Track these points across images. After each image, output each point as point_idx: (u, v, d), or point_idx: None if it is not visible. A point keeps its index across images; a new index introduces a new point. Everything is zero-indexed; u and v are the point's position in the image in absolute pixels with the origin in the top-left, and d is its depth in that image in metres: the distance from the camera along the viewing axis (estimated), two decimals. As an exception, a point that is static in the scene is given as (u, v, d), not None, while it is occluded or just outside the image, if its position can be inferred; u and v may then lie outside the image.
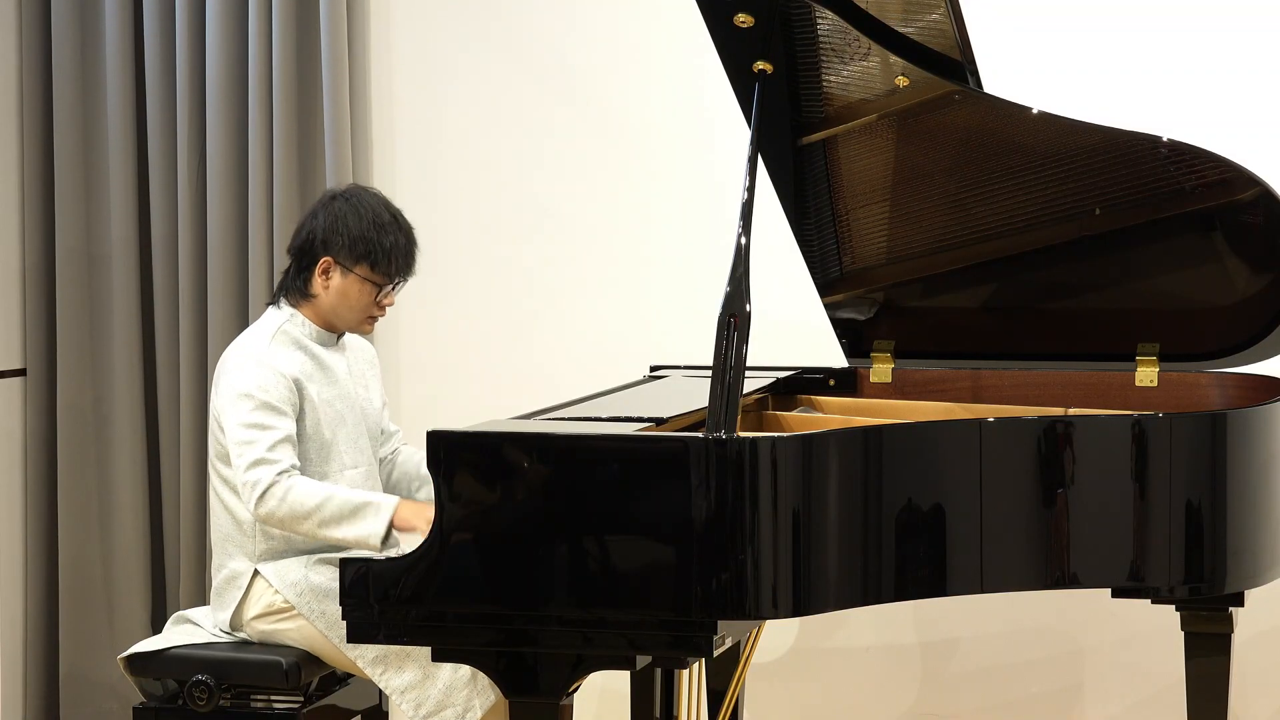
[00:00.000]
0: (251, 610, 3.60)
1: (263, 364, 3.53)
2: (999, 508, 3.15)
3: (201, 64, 4.73)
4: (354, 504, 3.40)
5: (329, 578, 3.50)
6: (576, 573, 2.98)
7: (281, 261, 4.66)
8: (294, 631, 3.58)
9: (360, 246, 3.58)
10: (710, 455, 2.95)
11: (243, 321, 4.74)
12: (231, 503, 3.57)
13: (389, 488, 3.83)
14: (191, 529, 4.76)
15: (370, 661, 3.48)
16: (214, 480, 3.62)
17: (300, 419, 3.55)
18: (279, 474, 3.42)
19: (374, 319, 3.67)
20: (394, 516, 3.38)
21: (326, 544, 3.52)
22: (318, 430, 3.58)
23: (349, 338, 3.76)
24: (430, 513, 3.24)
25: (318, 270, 3.61)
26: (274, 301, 3.69)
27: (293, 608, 3.56)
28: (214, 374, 3.64)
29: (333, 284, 3.61)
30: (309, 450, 3.57)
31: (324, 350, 3.65)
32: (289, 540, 3.57)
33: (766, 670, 4.61)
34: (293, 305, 3.65)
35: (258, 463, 3.44)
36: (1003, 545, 3.16)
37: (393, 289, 3.64)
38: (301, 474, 3.50)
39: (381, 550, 3.39)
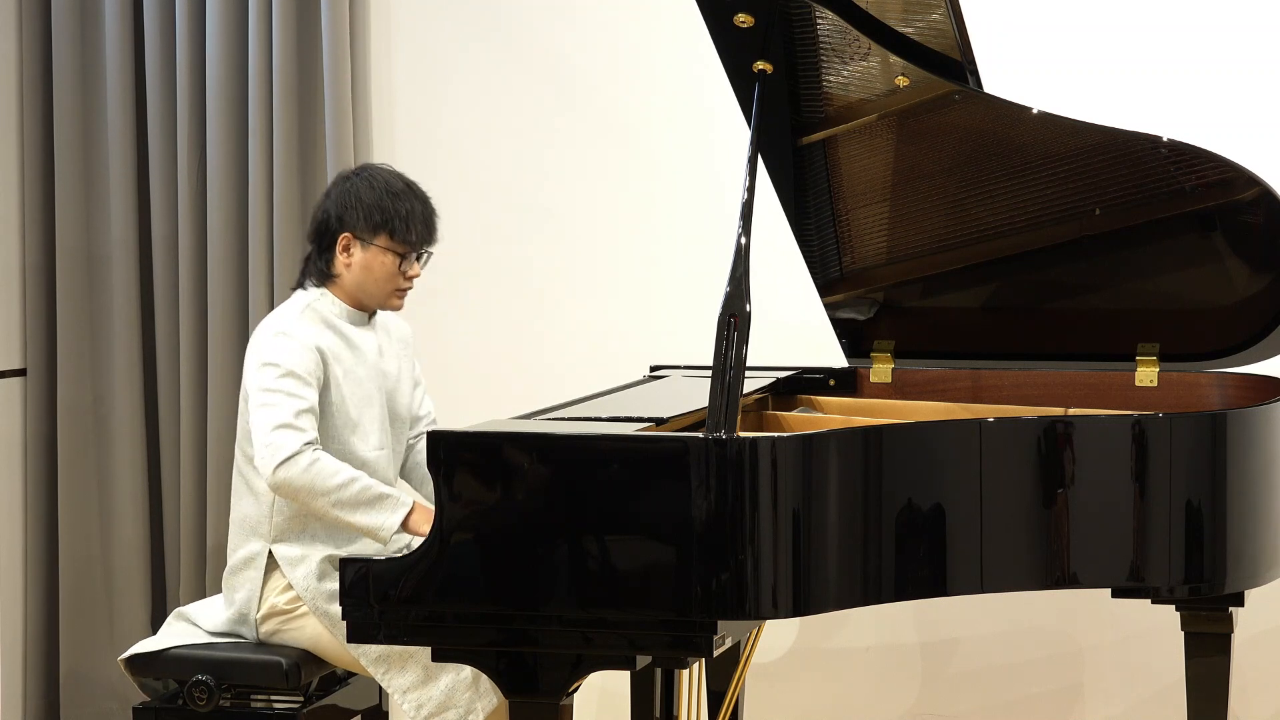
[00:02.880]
0: (258, 610, 3.60)
1: (289, 336, 3.52)
2: (999, 508, 3.15)
3: (201, 64, 4.73)
4: (375, 493, 3.39)
5: (336, 578, 3.49)
6: (576, 573, 2.98)
7: (282, 261, 4.68)
8: (299, 631, 3.58)
9: (376, 216, 3.56)
10: (710, 455, 2.95)
11: (243, 321, 4.74)
12: (256, 484, 3.56)
13: (404, 476, 3.81)
14: (191, 529, 4.76)
15: (373, 661, 3.48)
16: (239, 460, 3.61)
17: (324, 393, 3.53)
18: (306, 444, 3.41)
19: (402, 292, 3.64)
20: (409, 515, 3.38)
21: (336, 524, 3.50)
22: (344, 407, 3.56)
23: (383, 317, 3.73)
24: None
25: (338, 248, 3.59)
26: (299, 285, 3.67)
27: (297, 607, 3.56)
28: (247, 350, 3.62)
29: (355, 260, 3.59)
30: (335, 426, 3.55)
31: (354, 329, 3.63)
32: (305, 525, 3.56)
33: (766, 670, 4.61)
34: (320, 286, 3.63)
35: (283, 426, 3.42)
36: (1003, 545, 3.16)
37: (417, 259, 3.62)
38: (324, 449, 3.50)
39: (387, 544, 3.40)
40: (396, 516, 3.38)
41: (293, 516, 3.56)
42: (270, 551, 3.58)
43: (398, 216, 3.56)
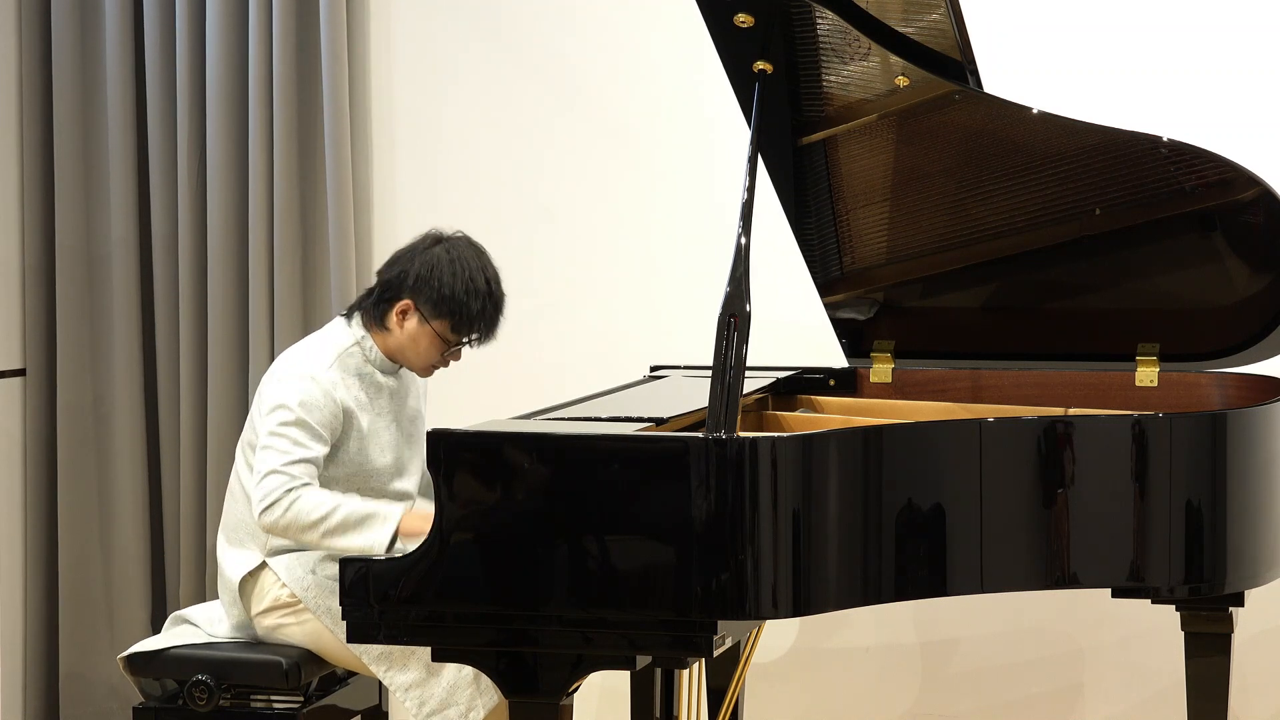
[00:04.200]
0: (258, 605, 3.60)
1: (317, 382, 3.51)
2: (999, 508, 3.15)
3: (201, 64, 4.73)
4: (360, 515, 3.39)
5: (335, 574, 3.49)
6: (576, 573, 2.98)
7: (282, 261, 4.68)
8: (299, 627, 3.58)
9: (446, 306, 3.53)
10: (710, 455, 2.95)
11: (243, 322, 4.74)
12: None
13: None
14: (191, 529, 4.76)
15: (374, 659, 3.48)
16: (240, 464, 3.61)
17: (343, 445, 3.54)
18: (287, 490, 3.41)
19: (436, 368, 3.64)
20: (400, 526, 3.37)
21: (333, 553, 3.50)
22: (364, 455, 3.57)
23: None
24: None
25: (397, 308, 3.56)
26: (347, 315, 3.66)
27: (298, 603, 3.56)
28: (270, 368, 3.62)
29: (407, 327, 3.57)
30: (354, 473, 3.56)
31: (385, 377, 3.63)
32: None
33: (766, 670, 4.61)
34: (365, 327, 3.62)
35: (272, 473, 3.42)
36: (1003, 545, 3.16)
37: (463, 346, 3.62)
38: (339, 489, 3.50)
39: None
40: (386, 531, 3.36)
41: (306, 546, 3.56)
42: (265, 562, 3.58)
43: (466, 314, 3.54)
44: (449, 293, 3.53)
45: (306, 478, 3.44)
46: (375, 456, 3.58)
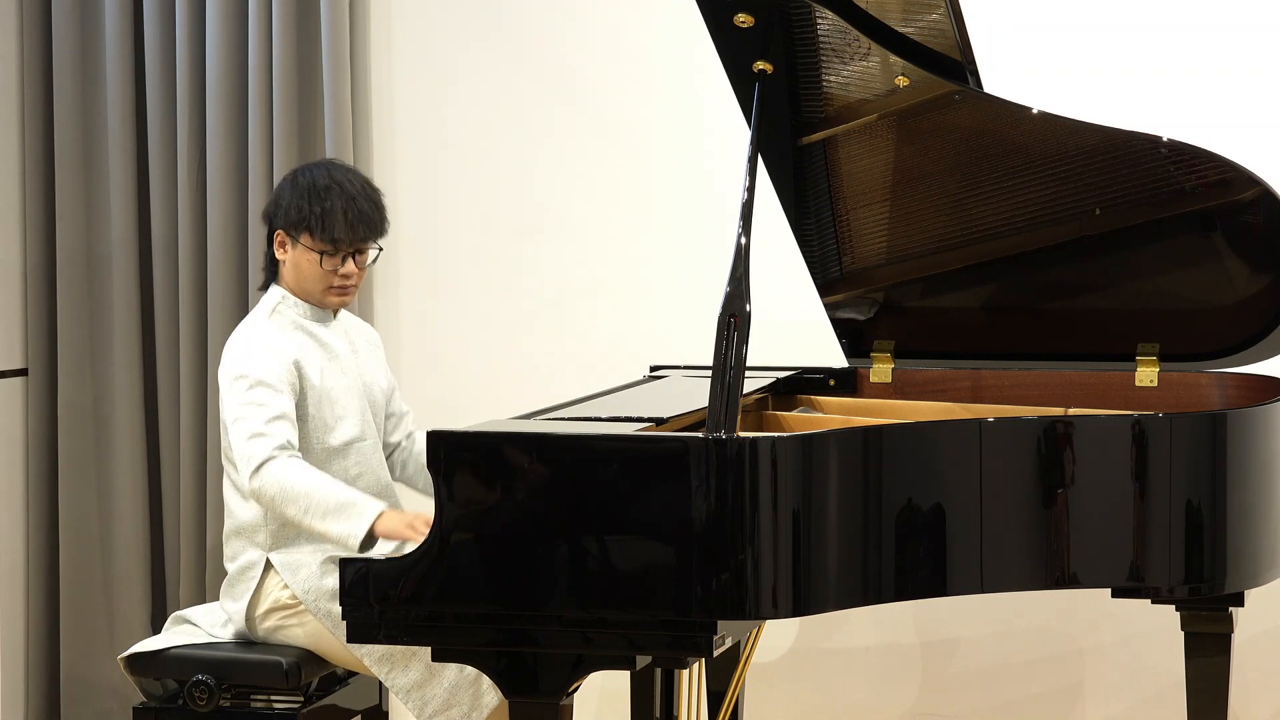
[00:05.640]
0: (260, 607, 3.60)
1: (262, 344, 3.54)
2: (999, 508, 3.15)
3: (201, 64, 4.74)
4: (340, 500, 3.37)
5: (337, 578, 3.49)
6: (576, 573, 2.98)
7: (281, 262, 4.69)
8: (301, 628, 3.58)
9: (294, 214, 3.59)
10: (710, 455, 2.95)
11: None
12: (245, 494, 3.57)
13: (407, 480, 3.82)
14: (191, 529, 4.76)
15: (376, 660, 3.48)
16: (228, 470, 3.62)
17: (301, 400, 3.55)
18: (276, 448, 3.42)
19: (338, 289, 3.63)
20: (375, 523, 3.34)
21: (310, 535, 3.50)
22: (320, 409, 3.57)
23: (349, 318, 3.77)
24: (417, 521, 3.24)
25: (275, 244, 3.64)
26: (264, 286, 3.71)
27: (299, 604, 3.55)
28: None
29: (289, 257, 3.63)
30: (314, 428, 3.56)
31: (321, 328, 3.65)
32: (300, 532, 3.56)
33: (766, 670, 4.61)
34: (277, 284, 3.67)
35: (254, 436, 3.43)
36: (1003, 545, 3.16)
37: (354, 256, 3.61)
38: (304, 453, 3.50)
39: (361, 554, 3.36)
40: (363, 523, 3.34)
41: (287, 523, 3.55)
42: (268, 559, 3.58)
43: (313, 215, 3.57)
44: (293, 202, 3.59)
45: (285, 435, 3.45)
46: (331, 409, 3.59)
